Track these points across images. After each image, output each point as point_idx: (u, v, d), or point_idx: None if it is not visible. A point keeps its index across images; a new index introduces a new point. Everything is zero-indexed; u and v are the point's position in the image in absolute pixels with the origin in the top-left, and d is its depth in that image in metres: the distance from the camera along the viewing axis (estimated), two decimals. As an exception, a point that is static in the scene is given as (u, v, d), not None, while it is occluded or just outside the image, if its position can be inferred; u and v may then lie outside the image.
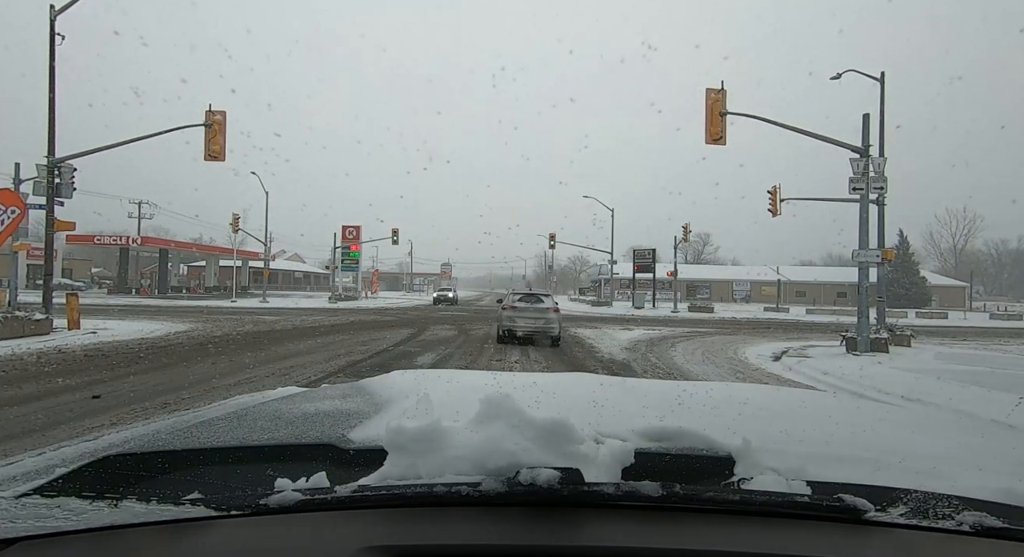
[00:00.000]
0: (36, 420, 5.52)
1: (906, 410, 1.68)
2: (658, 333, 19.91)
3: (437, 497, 0.80)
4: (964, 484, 0.94)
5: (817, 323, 28.87)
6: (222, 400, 1.97)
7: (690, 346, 15.68)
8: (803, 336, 20.25)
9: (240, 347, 12.31)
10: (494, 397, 0.98)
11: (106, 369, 8.86)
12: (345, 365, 9.97)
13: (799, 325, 28.13)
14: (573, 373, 2.14)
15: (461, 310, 35.21)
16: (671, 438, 1.09)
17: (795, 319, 34.38)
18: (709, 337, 19.11)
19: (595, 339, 16.79)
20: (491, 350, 12.97)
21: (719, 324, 27.60)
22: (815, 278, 67.80)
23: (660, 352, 13.92)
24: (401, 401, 1.49)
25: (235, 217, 37.19)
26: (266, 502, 0.80)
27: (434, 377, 1.95)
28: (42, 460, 1.15)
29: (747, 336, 20.16)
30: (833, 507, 0.80)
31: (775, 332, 22.64)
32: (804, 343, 16.83)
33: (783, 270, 67.09)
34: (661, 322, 27.03)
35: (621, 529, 0.77)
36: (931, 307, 52.16)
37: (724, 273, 72.08)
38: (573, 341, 16.05)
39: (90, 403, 6.34)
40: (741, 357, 13.51)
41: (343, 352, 11.88)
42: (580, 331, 19.51)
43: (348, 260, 48.22)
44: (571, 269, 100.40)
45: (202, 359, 10.25)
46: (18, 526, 0.75)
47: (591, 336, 17.74)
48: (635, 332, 19.74)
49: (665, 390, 1.72)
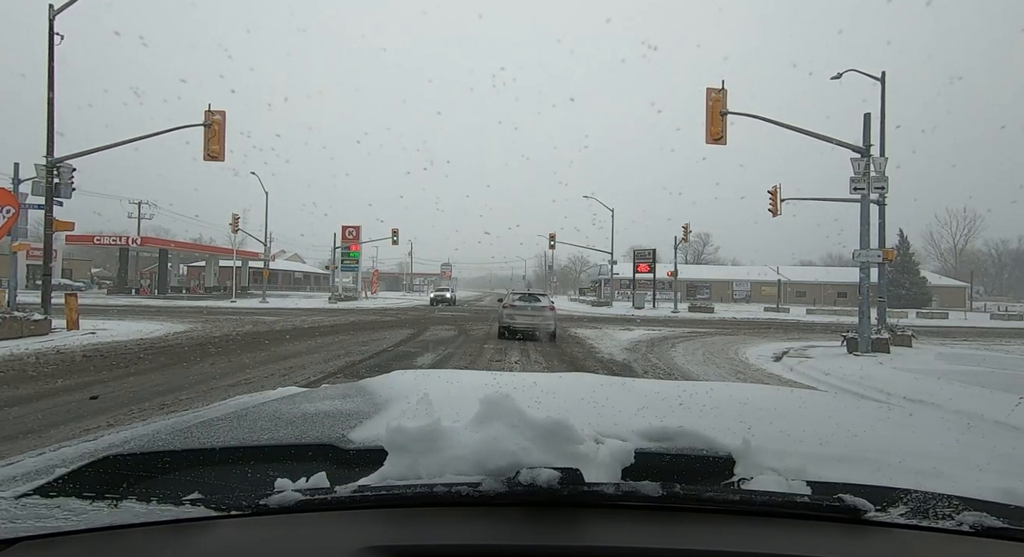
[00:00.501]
0: (33, 421, 5.50)
1: (906, 410, 1.68)
2: (658, 333, 19.83)
3: (437, 497, 0.80)
4: (964, 484, 0.94)
5: (817, 323, 28.68)
6: (222, 400, 1.97)
7: (691, 346, 15.64)
8: (804, 336, 20.12)
9: (239, 347, 12.28)
10: (494, 397, 0.98)
11: (104, 370, 8.84)
12: (345, 366, 9.95)
13: (799, 325, 27.97)
14: (573, 373, 2.14)
15: (460, 310, 34.69)
16: (671, 438, 1.09)
17: (795, 319, 34.20)
18: (709, 337, 18.98)
19: (595, 339, 16.73)
20: (492, 349, 13.00)
21: (719, 324, 27.44)
22: (815, 278, 67.42)
23: (661, 352, 13.91)
24: (401, 401, 1.49)
25: (235, 217, 37.09)
26: (266, 502, 0.80)
27: (434, 377, 1.96)
28: (42, 460, 1.14)
29: (747, 336, 20.03)
30: (833, 507, 0.80)
31: (775, 332, 22.48)
32: (805, 343, 16.76)
33: (783, 270, 66.64)
34: (661, 322, 26.84)
35: (621, 529, 0.77)
36: (931, 307, 51.87)
37: (724, 273, 71.90)
38: (573, 341, 16.02)
39: (87, 404, 6.32)
40: (742, 357, 13.49)
41: (342, 352, 11.87)
42: (580, 331, 19.44)
43: (348, 260, 47.86)
44: (571, 269, 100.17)
45: (201, 359, 10.22)
46: (18, 526, 0.75)
47: (591, 336, 17.67)
48: (635, 332, 19.67)
49: (665, 390, 1.72)
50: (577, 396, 1.60)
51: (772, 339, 19.14)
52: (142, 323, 17.18)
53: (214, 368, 9.22)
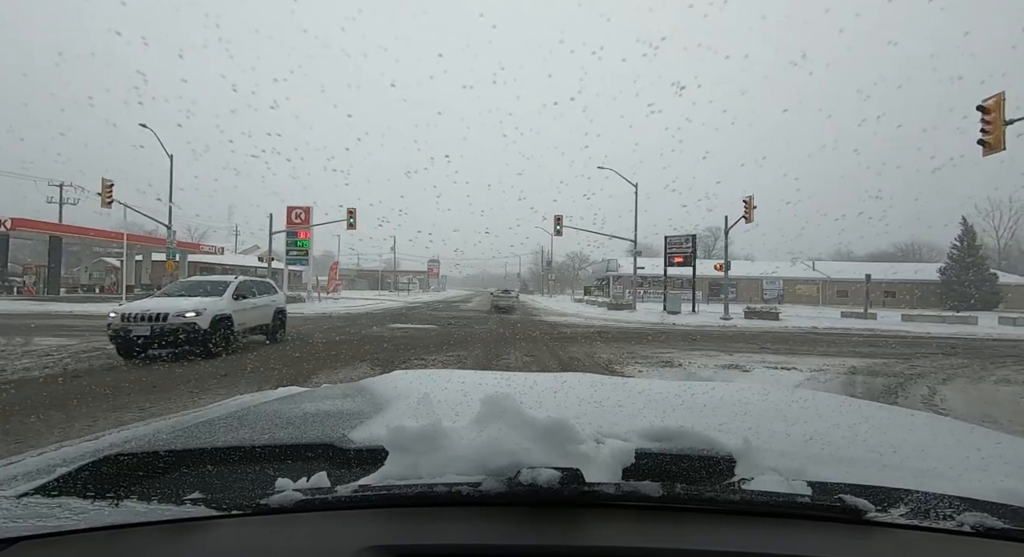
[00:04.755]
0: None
1: (908, 411, 1.68)
2: (801, 372, 9.61)
3: (438, 497, 0.80)
4: (966, 485, 0.94)
5: (981, 338, 19.24)
6: (222, 400, 1.97)
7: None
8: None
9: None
10: (495, 397, 0.98)
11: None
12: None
13: (977, 345, 17.18)
14: (573, 373, 2.14)
15: (426, 322, 20.59)
16: (672, 438, 1.09)
17: (918, 330, 21.57)
18: (948, 378, 9.61)
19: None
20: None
21: (845, 342, 16.67)
22: (856, 275, 52.62)
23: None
24: (402, 401, 1.49)
25: (105, 185, 24.73)
26: (267, 502, 0.80)
27: (435, 377, 1.96)
28: (43, 459, 1.15)
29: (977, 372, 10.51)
30: (834, 507, 0.80)
31: (970, 358, 12.81)
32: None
33: (819, 266, 56.27)
34: (747, 340, 16.11)
35: (622, 529, 0.77)
36: (1000, 309, 42.83)
37: (752, 269, 57.02)
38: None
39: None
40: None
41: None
42: (634, 367, 9.87)
43: (295, 251, 35.98)
44: (568, 266, 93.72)
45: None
46: (19, 525, 0.75)
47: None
48: (752, 371, 9.73)
49: (666, 390, 1.72)
50: (578, 396, 1.60)
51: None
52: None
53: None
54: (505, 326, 19.66)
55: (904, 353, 13.99)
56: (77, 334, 13.11)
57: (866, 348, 15.19)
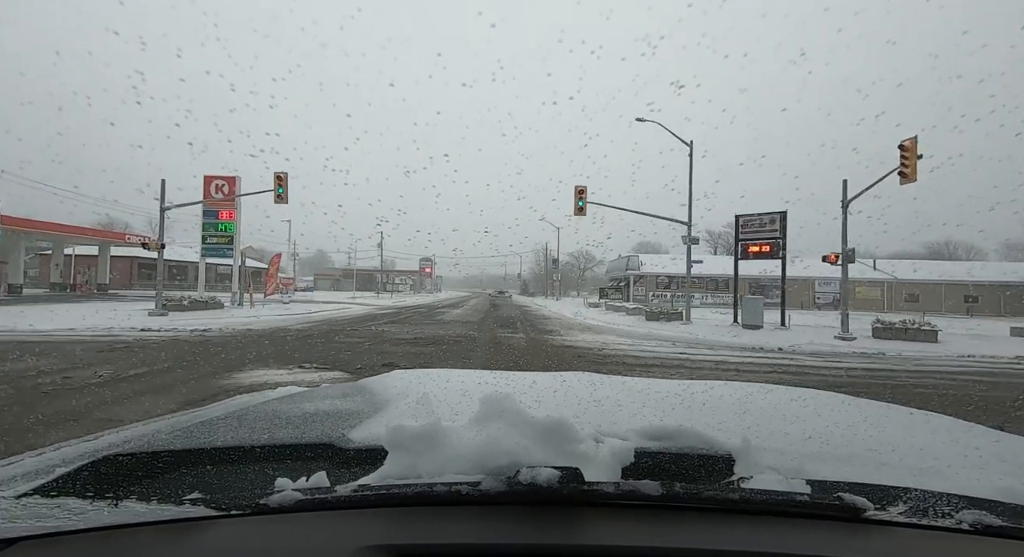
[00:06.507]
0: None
1: (906, 410, 1.68)
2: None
3: (437, 496, 0.80)
4: (965, 483, 0.94)
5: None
6: (222, 400, 1.97)
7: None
8: None
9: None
10: (494, 396, 0.98)
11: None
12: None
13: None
14: (573, 372, 2.14)
15: (330, 362, 9.20)
16: (671, 437, 1.09)
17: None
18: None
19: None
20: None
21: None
22: (938, 276, 45.64)
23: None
24: (401, 401, 1.49)
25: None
26: (266, 502, 0.81)
27: (434, 376, 1.96)
28: (42, 460, 1.15)
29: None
30: (833, 506, 0.81)
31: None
32: None
33: (880, 265, 46.62)
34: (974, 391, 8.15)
35: (621, 528, 0.77)
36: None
37: (799, 269, 38.90)
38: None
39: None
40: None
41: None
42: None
43: (216, 238, 25.96)
44: (573, 266, 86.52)
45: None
46: (18, 526, 0.75)
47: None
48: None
49: (665, 389, 1.72)
50: (577, 395, 1.60)
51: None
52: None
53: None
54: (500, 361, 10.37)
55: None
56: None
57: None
